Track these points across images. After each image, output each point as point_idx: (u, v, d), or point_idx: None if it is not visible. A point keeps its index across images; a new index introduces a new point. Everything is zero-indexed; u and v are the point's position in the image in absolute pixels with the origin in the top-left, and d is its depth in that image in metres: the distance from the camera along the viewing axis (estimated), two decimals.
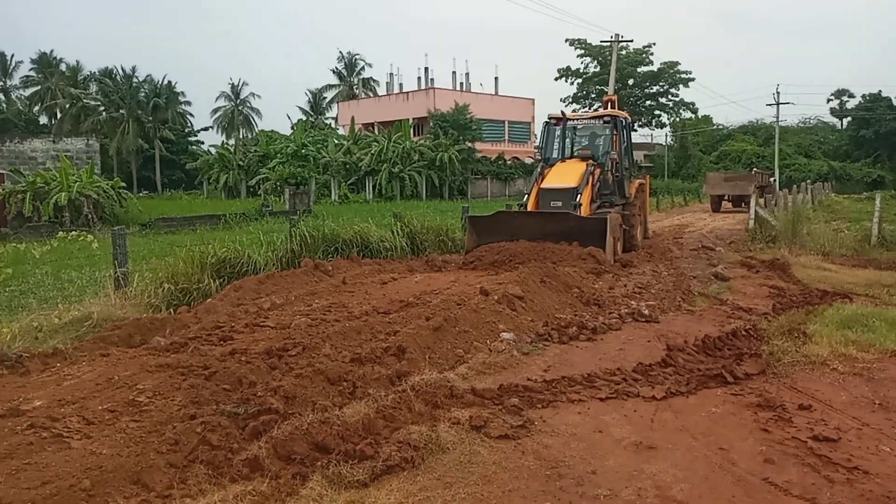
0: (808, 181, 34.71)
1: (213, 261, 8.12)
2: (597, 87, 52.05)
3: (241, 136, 64.09)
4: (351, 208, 27.91)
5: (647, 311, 7.18)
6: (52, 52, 64.35)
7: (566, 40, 54.71)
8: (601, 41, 42.78)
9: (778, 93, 58.24)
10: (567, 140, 13.61)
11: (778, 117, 58.56)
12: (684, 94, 57.38)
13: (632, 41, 44.12)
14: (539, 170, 12.73)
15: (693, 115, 62.75)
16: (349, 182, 40.36)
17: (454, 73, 60.16)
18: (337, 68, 69.32)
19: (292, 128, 53.35)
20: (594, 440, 3.93)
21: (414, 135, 47.41)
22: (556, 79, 57.26)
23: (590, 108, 53.40)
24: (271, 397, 4.02)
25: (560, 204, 11.19)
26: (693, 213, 29.33)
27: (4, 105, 63.10)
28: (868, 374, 5.09)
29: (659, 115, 58.42)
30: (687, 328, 6.67)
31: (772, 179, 33.12)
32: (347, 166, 40.65)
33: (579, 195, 11.26)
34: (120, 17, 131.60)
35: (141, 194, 45.10)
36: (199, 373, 4.70)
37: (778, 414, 4.24)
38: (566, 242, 10.23)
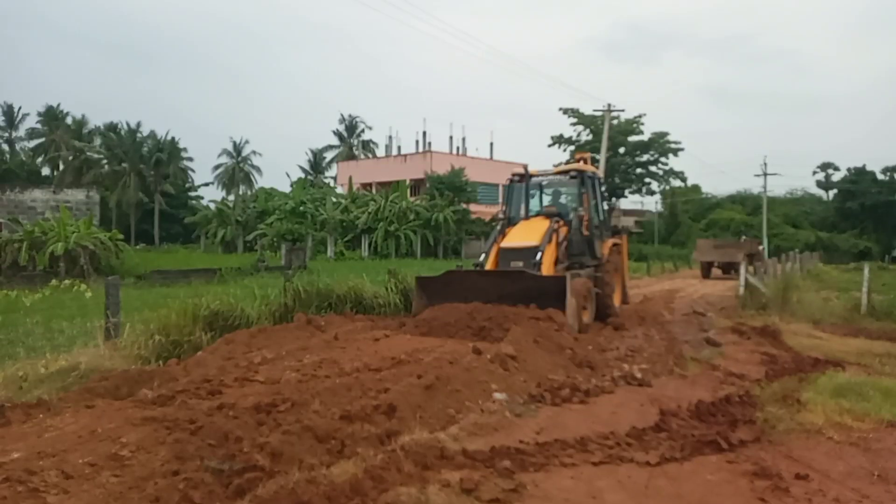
0: (797, 250, 35.03)
1: (205, 313, 8.06)
2: (590, 155, 53.13)
3: (240, 193, 64.70)
4: (346, 265, 27.96)
5: (639, 375, 7.13)
6: (58, 105, 65.68)
7: (560, 109, 56.13)
8: (594, 110, 43.89)
9: (766, 164, 59.91)
10: (533, 198, 12.89)
11: (766, 187, 59.93)
12: (674, 162, 58.58)
13: (623, 111, 45.33)
14: (499, 228, 11.96)
15: (682, 184, 63.80)
16: (346, 239, 40.59)
17: (451, 137, 61.55)
18: (338, 129, 70.79)
19: (292, 185, 53.95)
20: None
21: (411, 195, 47.97)
22: (549, 145, 58.46)
23: None
24: (257, 454, 3.94)
25: (521, 264, 10.31)
26: (683, 279, 29.44)
27: (8, 156, 63.76)
28: (864, 443, 5.02)
29: (649, 183, 59.41)
30: (680, 393, 6.60)
31: (760, 248, 33.41)
32: (344, 224, 40.96)
33: (540, 254, 10.37)
34: (126, 74, 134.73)
35: (138, 247, 45.19)
36: (185, 427, 4.60)
37: (775, 483, 4.16)
38: (524, 305, 9.24)
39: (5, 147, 65.93)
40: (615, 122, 52.06)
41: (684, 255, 45.62)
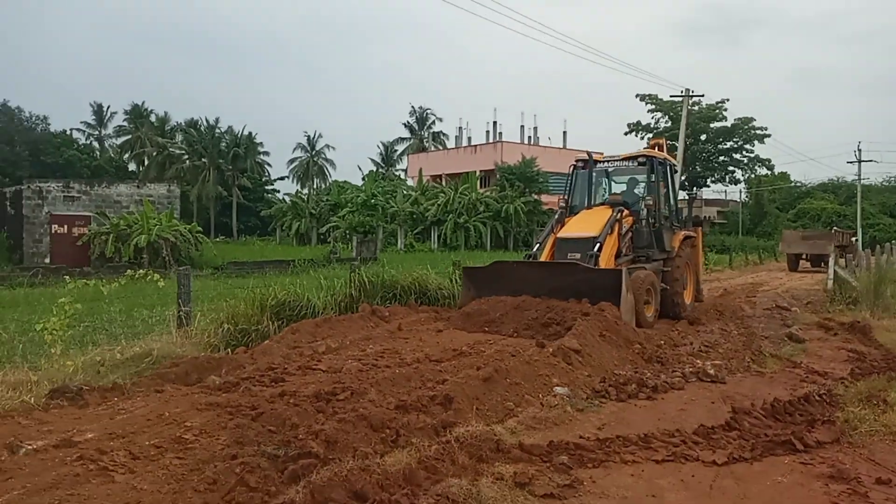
0: (894, 242, 32.90)
1: (272, 303, 8.25)
2: (668, 142, 51.51)
3: (314, 186, 66.25)
4: (415, 257, 28.17)
5: (712, 371, 6.83)
6: (143, 103, 68.80)
7: (637, 95, 54.45)
8: (671, 96, 42.41)
9: (860, 150, 56.10)
10: (599, 186, 12.02)
11: (860, 175, 56.23)
12: (760, 150, 55.71)
13: (703, 96, 43.56)
14: (557, 217, 11.22)
15: (769, 172, 61.03)
16: (415, 231, 40.92)
17: (522, 126, 60.74)
18: (408, 122, 71.32)
19: (363, 178, 54.80)
20: None
21: (480, 187, 47.86)
22: (625, 133, 56.96)
23: None
24: (312, 441, 3.97)
25: (577, 256, 9.60)
26: (768, 272, 28.19)
27: (98, 152, 67.36)
28: None
29: (733, 171, 57.06)
30: (755, 390, 6.28)
31: (853, 239, 31.58)
32: (414, 216, 41.29)
33: (598, 245, 9.59)
34: (207, 72, 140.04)
35: (217, 239, 46.97)
36: (247, 413, 4.71)
37: (852, 487, 3.88)
38: (576, 299, 8.63)
39: (95, 144, 69.64)
40: (696, 108, 50.27)
41: (770, 247, 43.73)
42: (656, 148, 12.63)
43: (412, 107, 74.26)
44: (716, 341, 8.88)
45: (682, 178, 51.10)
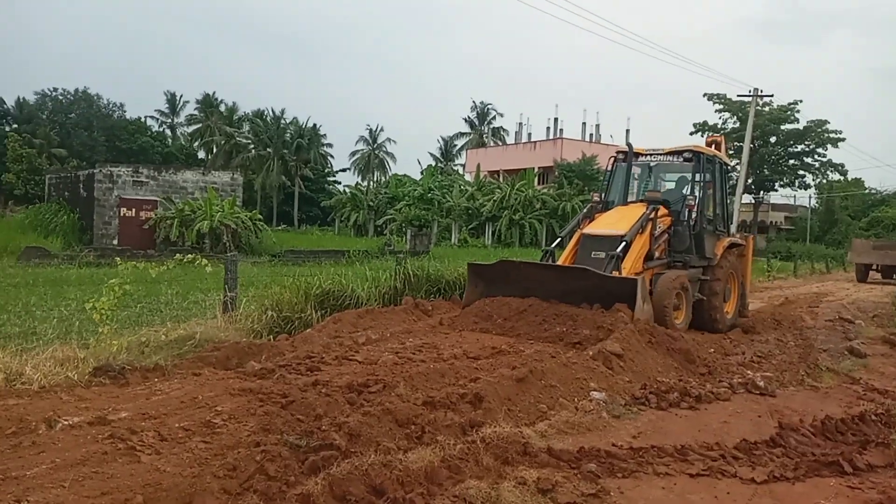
0: None
1: (317, 292, 8.33)
2: (735, 143, 49.75)
3: (374, 179, 66.99)
4: (468, 252, 28.11)
5: (762, 383, 6.52)
6: (213, 93, 70.85)
7: (704, 94, 52.80)
8: (739, 96, 40.93)
9: None
10: (641, 182, 11.04)
11: None
12: (833, 154, 53.28)
13: (772, 96, 41.88)
14: (586, 211, 10.44)
15: (842, 178, 58.28)
16: (470, 227, 40.84)
17: (584, 124, 59.71)
18: (469, 117, 71.15)
19: (421, 173, 55.06)
20: None
21: (539, 183, 47.38)
22: (691, 133, 55.28)
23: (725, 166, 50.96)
24: (335, 433, 3.95)
25: (602, 256, 8.80)
26: (835, 282, 26.93)
27: (170, 139, 69.84)
28: None
29: (803, 176, 54.73)
30: (807, 406, 5.96)
31: None
32: (470, 211, 41.22)
33: (623, 245, 8.71)
34: (274, 64, 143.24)
35: (279, 228, 48.04)
36: (277, 400, 4.74)
37: None
38: (587, 305, 8.03)
39: (168, 132, 72.25)
40: (766, 109, 48.42)
41: (838, 256, 41.79)
42: (713, 145, 11.69)
43: (473, 102, 74.15)
44: (770, 352, 8.50)
45: (749, 181, 49.38)
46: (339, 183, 67.96)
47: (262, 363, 6.13)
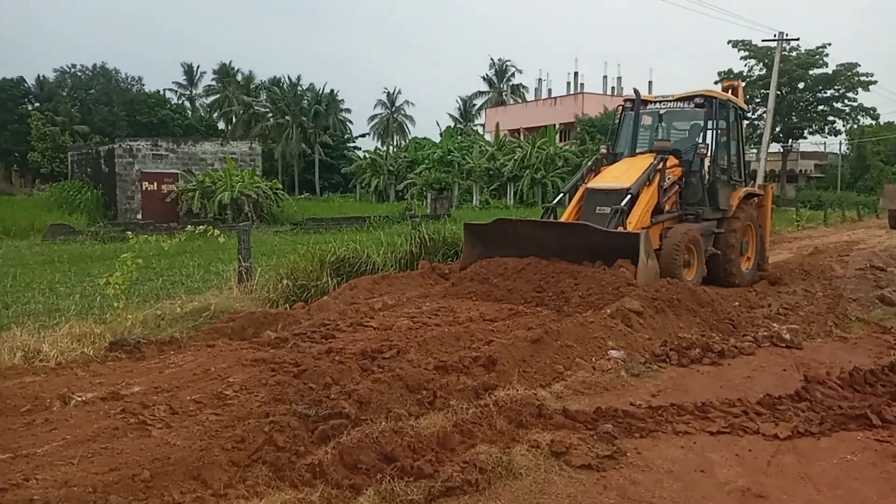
0: None
1: (332, 259, 8.28)
2: (761, 90, 48.31)
3: (394, 143, 66.60)
4: (490, 213, 27.88)
5: (787, 336, 6.34)
6: (230, 62, 70.59)
7: (728, 42, 51.09)
8: (763, 41, 39.56)
9: None
10: (651, 131, 10.37)
11: None
12: (864, 98, 51.55)
13: (797, 39, 40.41)
14: (591, 164, 9.87)
15: (873, 122, 56.42)
16: (491, 188, 40.47)
17: (605, 77, 58.54)
18: (487, 75, 69.98)
19: (441, 135, 54.54)
20: (693, 480, 3.42)
21: (560, 140, 46.67)
22: (715, 83, 53.66)
23: (752, 113, 49.62)
24: (344, 401, 3.90)
25: (607, 210, 8.34)
26: (867, 230, 26.26)
27: (189, 111, 69.94)
28: None
29: (833, 122, 53.07)
30: (834, 357, 5.80)
31: None
32: (490, 172, 40.79)
33: (629, 198, 8.27)
34: (288, 30, 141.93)
35: (301, 196, 48.14)
36: (289, 370, 4.71)
37: None
38: (589, 262, 7.62)
39: (187, 104, 72.28)
40: (793, 54, 46.81)
41: (870, 203, 40.73)
42: (730, 90, 10.99)
43: (491, 59, 72.93)
44: (797, 303, 8.29)
45: (777, 129, 48.08)
46: (360, 149, 67.68)
47: (277, 332, 6.12)
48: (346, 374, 4.60)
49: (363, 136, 72.98)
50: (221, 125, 68.66)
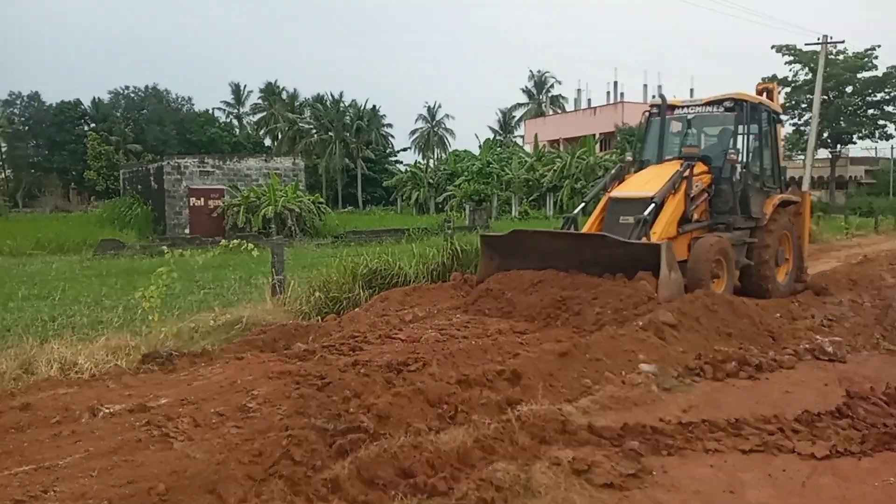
0: None
1: (364, 271, 8.31)
2: (807, 96, 46.95)
3: (435, 156, 66.97)
4: (528, 224, 27.71)
5: (830, 349, 6.09)
6: (275, 81, 72.08)
7: (772, 47, 49.91)
8: (806, 44, 38.51)
9: None
10: (680, 137, 9.81)
11: None
12: None
13: (843, 42, 39.26)
14: (615, 172, 9.51)
15: None
16: (531, 198, 40.27)
17: (645, 86, 57.54)
18: (527, 87, 69.86)
19: (479, 147, 54.60)
20: (721, 502, 3.28)
21: (600, 150, 46.19)
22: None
23: (799, 119, 48.28)
24: (363, 415, 3.87)
25: (631, 220, 8.00)
26: None
27: (237, 129, 71.69)
28: None
29: (884, 126, 51.16)
30: (880, 372, 5.52)
31: None
32: (530, 183, 40.63)
33: (652, 207, 7.90)
34: (331, 49, 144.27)
35: (345, 210, 48.74)
36: (313, 382, 4.72)
37: None
38: (609, 275, 7.27)
39: (234, 122, 74.11)
40: (840, 57, 45.44)
41: None
42: (764, 93, 10.39)
43: (531, 71, 72.59)
44: (843, 314, 7.96)
45: (825, 134, 46.69)
46: (401, 162, 68.26)
47: (307, 345, 6.15)
48: (369, 388, 4.58)
49: (404, 150, 73.58)
50: (268, 142, 70.12)
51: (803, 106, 48.16)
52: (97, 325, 7.43)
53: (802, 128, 43.97)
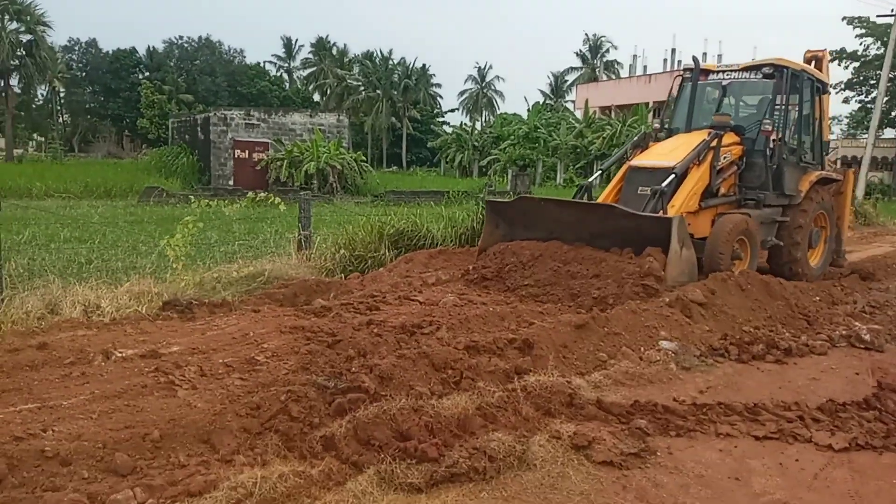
0: None
1: (390, 231, 8.25)
2: (878, 72, 44.61)
3: (482, 118, 66.22)
4: (571, 192, 27.26)
5: (867, 336, 5.80)
6: (327, 36, 72.03)
7: (843, 18, 47.27)
8: (878, 16, 36.34)
9: None
10: (715, 104, 9.06)
11: None
12: None
13: None
14: (637, 140, 8.91)
15: None
16: (577, 166, 39.54)
17: (704, 54, 55.29)
18: (581, 51, 68.04)
19: (528, 110, 53.69)
20: (724, 488, 3.15)
21: (653, 119, 44.90)
22: (829, 62, 50.07)
23: (866, 96, 45.98)
24: (365, 375, 3.83)
25: (648, 191, 7.43)
26: None
27: (287, 83, 71.96)
28: None
29: None
30: None
31: None
32: (577, 150, 39.84)
33: (672, 178, 7.34)
34: (384, 5, 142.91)
35: (389, 169, 48.78)
36: (324, 339, 4.70)
37: None
38: (618, 249, 6.77)
39: (285, 76, 74.38)
40: None
41: None
42: (812, 62, 9.55)
43: (586, 34, 70.76)
44: (887, 301, 7.58)
45: (893, 114, 44.44)
46: (448, 123, 67.70)
47: (327, 301, 6.14)
48: (377, 348, 4.54)
49: (452, 111, 72.91)
50: (316, 97, 70.25)
51: (871, 82, 45.79)
52: (129, 271, 7.57)
53: (869, 105, 41.86)
